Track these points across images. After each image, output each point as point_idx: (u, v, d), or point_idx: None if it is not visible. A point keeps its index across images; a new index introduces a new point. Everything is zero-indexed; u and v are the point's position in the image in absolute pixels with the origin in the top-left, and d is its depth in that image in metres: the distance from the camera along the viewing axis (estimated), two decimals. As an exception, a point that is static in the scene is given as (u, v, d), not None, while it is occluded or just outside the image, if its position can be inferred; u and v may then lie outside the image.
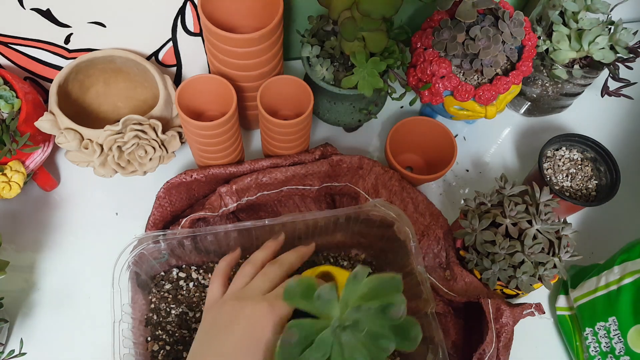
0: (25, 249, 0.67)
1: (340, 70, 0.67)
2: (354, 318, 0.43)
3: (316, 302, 0.44)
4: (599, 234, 0.73)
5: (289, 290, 0.45)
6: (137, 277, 0.59)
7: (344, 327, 0.43)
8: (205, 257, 0.63)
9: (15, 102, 0.61)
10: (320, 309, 0.44)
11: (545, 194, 0.59)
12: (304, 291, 0.45)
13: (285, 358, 0.42)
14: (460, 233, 0.61)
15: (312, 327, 0.43)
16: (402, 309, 0.43)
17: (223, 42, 0.59)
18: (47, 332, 0.63)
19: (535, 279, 0.57)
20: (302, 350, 0.43)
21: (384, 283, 0.44)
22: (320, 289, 0.44)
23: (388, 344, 0.42)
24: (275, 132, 0.65)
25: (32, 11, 0.61)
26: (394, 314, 0.43)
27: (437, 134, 0.71)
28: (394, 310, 0.43)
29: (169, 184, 0.66)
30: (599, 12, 0.68)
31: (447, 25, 0.65)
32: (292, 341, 0.42)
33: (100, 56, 0.67)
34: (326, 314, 0.44)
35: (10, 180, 0.61)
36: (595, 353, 0.61)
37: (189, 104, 0.64)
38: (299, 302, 0.45)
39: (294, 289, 0.45)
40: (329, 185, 0.70)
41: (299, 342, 0.43)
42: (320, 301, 0.44)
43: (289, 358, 0.43)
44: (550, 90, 0.75)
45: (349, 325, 0.43)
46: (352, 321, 0.43)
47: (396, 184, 0.68)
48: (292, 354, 0.43)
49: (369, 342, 0.43)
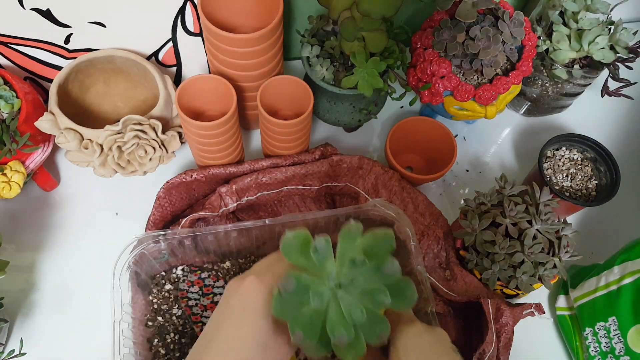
0: (25, 249, 0.67)
1: (340, 70, 0.67)
2: (350, 276, 0.43)
3: (313, 255, 0.44)
4: (599, 234, 0.73)
5: (286, 243, 0.44)
6: (137, 277, 0.59)
7: (339, 284, 0.43)
8: (206, 257, 0.63)
9: (15, 102, 0.61)
10: (316, 263, 0.44)
11: (545, 194, 0.59)
12: (301, 244, 0.44)
13: (281, 305, 0.42)
14: (460, 233, 0.61)
15: (309, 281, 0.43)
16: (396, 265, 0.43)
17: (223, 42, 0.59)
18: (47, 332, 0.63)
19: (535, 279, 0.57)
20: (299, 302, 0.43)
21: (378, 241, 0.45)
22: (317, 242, 0.44)
23: (383, 299, 0.42)
24: (275, 132, 0.65)
25: (32, 11, 0.61)
26: (388, 270, 0.43)
27: (437, 134, 0.71)
28: (387, 267, 0.43)
29: (169, 184, 0.66)
30: (599, 12, 0.68)
31: (447, 25, 0.65)
32: (289, 289, 0.42)
33: (100, 56, 0.67)
34: (322, 272, 0.44)
35: (10, 180, 0.61)
36: (595, 353, 0.61)
37: (189, 104, 0.64)
38: (296, 257, 0.44)
39: (291, 242, 0.44)
40: (329, 185, 0.70)
41: (296, 292, 0.42)
42: (317, 255, 0.44)
43: (284, 306, 0.42)
44: (550, 90, 0.75)
45: (344, 283, 0.43)
46: (348, 279, 0.43)
47: (396, 184, 0.68)
48: (288, 302, 0.42)
49: (364, 298, 0.43)
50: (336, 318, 0.43)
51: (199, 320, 0.61)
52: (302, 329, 0.42)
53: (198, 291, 0.62)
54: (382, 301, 0.42)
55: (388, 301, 0.43)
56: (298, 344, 0.42)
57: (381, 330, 0.43)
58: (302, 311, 0.43)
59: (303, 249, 0.44)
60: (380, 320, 0.44)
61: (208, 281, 0.63)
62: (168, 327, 0.60)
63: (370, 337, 0.43)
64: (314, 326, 0.43)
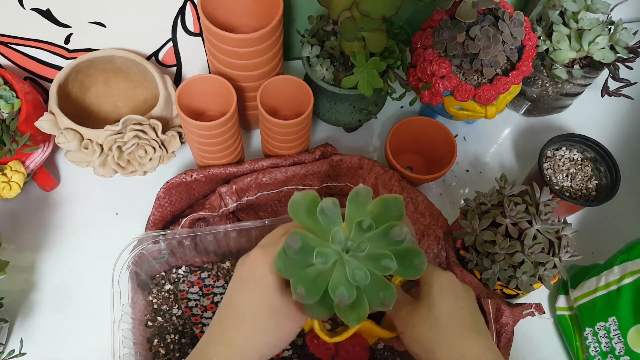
0: (25, 249, 0.67)
1: (340, 70, 0.67)
2: (357, 240, 0.43)
3: (320, 216, 0.43)
4: (599, 234, 0.73)
5: (294, 203, 0.44)
6: (137, 277, 0.59)
7: (346, 248, 0.43)
8: (205, 257, 0.63)
9: (15, 102, 0.61)
10: (323, 225, 0.43)
11: (545, 194, 0.59)
12: (308, 205, 0.43)
13: (284, 262, 0.42)
14: (460, 233, 0.61)
15: (315, 242, 0.43)
16: (405, 231, 0.42)
17: (223, 42, 0.59)
18: (47, 332, 0.63)
19: (535, 279, 0.57)
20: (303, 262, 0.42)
21: (387, 206, 0.44)
22: (323, 202, 0.43)
23: (389, 264, 0.41)
24: (275, 132, 0.65)
25: (32, 11, 0.61)
26: (396, 236, 0.42)
27: (437, 134, 0.71)
28: (395, 232, 0.42)
29: (169, 184, 0.66)
30: (599, 12, 0.68)
31: (447, 25, 0.65)
32: (295, 247, 0.41)
33: (100, 56, 0.67)
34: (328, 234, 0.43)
35: (10, 180, 0.61)
36: (595, 353, 0.61)
37: (189, 104, 0.64)
38: (302, 218, 0.44)
39: (298, 202, 0.44)
40: (329, 185, 0.70)
41: (301, 251, 0.42)
42: (324, 217, 0.43)
43: (288, 263, 0.42)
44: (550, 90, 0.75)
45: (351, 247, 0.43)
46: (355, 243, 0.43)
47: (396, 184, 0.68)
48: (292, 261, 0.42)
49: (370, 262, 0.43)
50: (339, 279, 0.42)
51: (199, 321, 0.61)
52: (304, 287, 0.42)
53: (198, 292, 0.62)
54: (388, 266, 0.42)
55: (394, 266, 0.41)
56: (300, 301, 0.42)
57: (385, 295, 0.42)
58: (306, 271, 0.42)
59: (310, 210, 0.43)
60: (384, 285, 0.43)
61: (208, 281, 0.63)
62: (168, 327, 0.60)
63: (374, 301, 0.42)
64: (317, 286, 0.42)
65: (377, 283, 0.43)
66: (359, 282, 0.42)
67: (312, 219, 0.44)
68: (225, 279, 0.63)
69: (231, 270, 0.64)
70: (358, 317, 0.42)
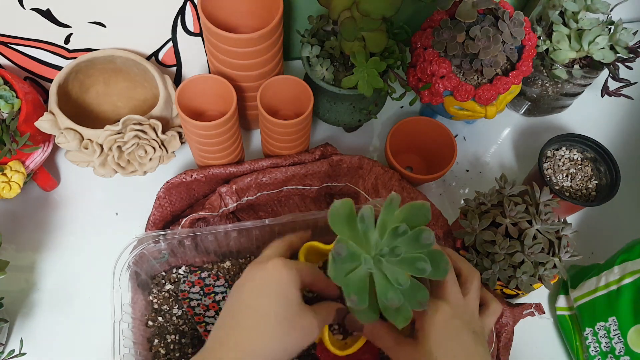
0: (25, 249, 0.67)
1: (340, 70, 0.67)
2: (391, 245, 0.45)
3: (359, 224, 0.45)
4: (599, 234, 0.73)
5: (334, 212, 0.45)
6: (137, 276, 0.59)
7: (382, 253, 0.45)
8: (206, 257, 0.63)
9: (15, 102, 0.61)
10: (360, 233, 0.46)
11: (545, 194, 0.59)
12: (347, 214, 0.46)
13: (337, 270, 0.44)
14: (460, 233, 0.61)
15: (355, 249, 0.45)
16: (433, 236, 0.45)
17: (223, 42, 0.59)
18: (47, 332, 0.63)
19: (535, 279, 0.57)
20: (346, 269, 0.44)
21: (415, 211, 0.46)
22: (363, 211, 0.45)
23: (424, 265, 0.44)
24: (275, 132, 0.65)
25: (32, 11, 0.61)
26: (425, 239, 0.44)
27: (437, 134, 0.71)
28: (425, 236, 0.44)
29: (169, 184, 0.66)
30: (599, 12, 0.68)
31: (447, 25, 0.65)
32: (343, 255, 0.43)
33: (100, 56, 0.67)
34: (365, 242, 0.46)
35: (10, 180, 0.61)
36: (595, 353, 0.61)
37: (189, 104, 0.64)
38: (341, 226, 0.45)
39: (338, 211, 0.45)
40: (329, 185, 0.70)
41: (345, 259, 0.44)
42: (362, 225, 0.45)
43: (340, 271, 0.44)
44: (550, 90, 0.75)
45: (385, 252, 0.45)
46: (389, 247, 0.45)
47: (396, 184, 0.68)
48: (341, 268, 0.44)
49: (405, 266, 0.45)
50: (385, 283, 0.45)
51: (202, 320, 0.61)
52: (355, 294, 0.44)
53: (199, 291, 0.62)
54: (423, 268, 0.44)
55: (429, 269, 0.44)
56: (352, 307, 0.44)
57: (421, 296, 0.45)
58: (350, 278, 0.44)
59: (349, 219, 0.46)
60: (419, 287, 0.45)
61: (208, 280, 0.63)
62: (168, 327, 0.60)
63: (412, 303, 0.45)
64: (364, 291, 0.45)
65: (414, 285, 0.45)
66: (402, 285, 0.44)
67: (350, 226, 0.46)
68: (225, 278, 0.63)
69: (231, 270, 0.64)
70: (405, 319, 0.45)
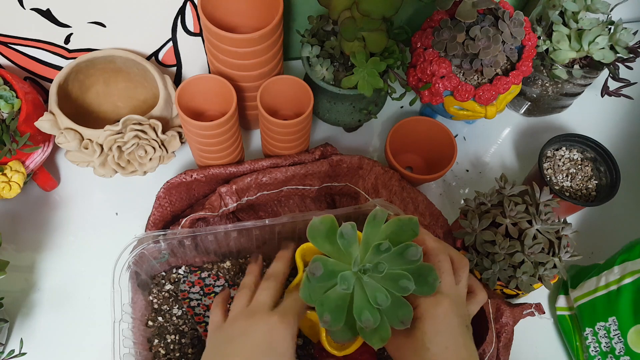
0: (25, 249, 0.67)
1: (340, 70, 0.67)
2: (374, 261, 0.44)
3: (339, 240, 0.44)
4: (599, 234, 0.73)
5: (313, 228, 0.44)
6: (137, 276, 0.59)
7: (364, 269, 0.44)
8: (206, 257, 0.63)
9: (15, 102, 0.61)
10: (342, 249, 0.44)
11: (545, 194, 0.59)
12: (327, 230, 0.45)
13: (309, 290, 0.43)
14: (460, 233, 0.61)
15: (335, 266, 0.44)
16: (419, 251, 0.43)
17: (223, 42, 0.59)
18: (47, 332, 0.63)
19: (535, 279, 0.57)
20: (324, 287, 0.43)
21: (402, 226, 0.45)
22: (343, 228, 0.44)
23: (407, 284, 0.43)
24: (275, 132, 0.65)
25: (32, 11, 0.61)
26: (411, 255, 0.43)
27: (437, 134, 0.71)
28: (411, 252, 0.43)
29: (169, 184, 0.66)
30: (599, 12, 0.68)
31: (447, 25, 0.65)
32: (317, 274, 0.42)
33: (100, 56, 0.67)
34: (346, 257, 0.45)
35: (10, 180, 0.61)
36: (595, 353, 0.61)
37: (189, 104, 0.64)
38: (321, 242, 0.45)
39: (318, 227, 0.45)
40: (329, 185, 0.70)
41: (322, 277, 0.43)
42: (343, 241, 0.44)
43: (312, 291, 0.43)
44: (550, 90, 0.75)
45: (368, 268, 0.44)
46: (372, 264, 0.44)
47: (396, 184, 0.68)
48: (315, 287, 0.43)
49: (388, 283, 0.44)
50: (362, 302, 0.43)
51: (202, 320, 0.61)
52: (329, 313, 0.43)
53: (199, 291, 0.62)
54: (406, 287, 0.43)
55: (412, 287, 0.43)
56: (326, 327, 0.43)
57: (404, 314, 0.43)
58: (328, 295, 0.43)
59: (329, 234, 0.45)
60: (402, 304, 0.44)
61: (208, 280, 0.63)
62: (168, 327, 0.60)
63: (393, 321, 0.43)
64: (340, 310, 0.43)
65: (396, 303, 0.44)
66: (381, 305, 0.43)
67: (331, 242, 0.45)
68: (225, 278, 0.63)
69: (231, 270, 0.64)
70: (381, 339, 0.43)
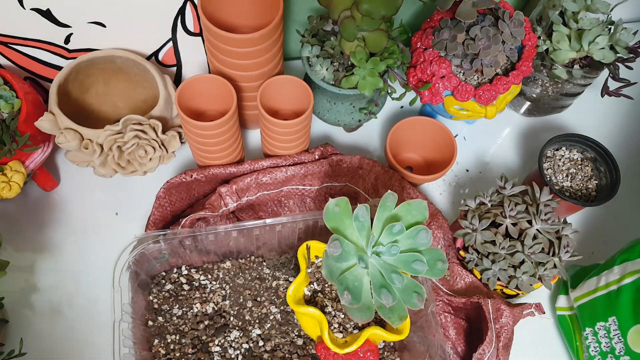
0: (25, 249, 0.67)
1: (340, 70, 0.67)
2: (387, 242, 0.45)
3: (354, 222, 0.45)
4: (599, 234, 0.73)
5: (329, 210, 0.45)
6: (137, 277, 0.59)
7: (378, 251, 0.45)
8: (206, 256, 0.63)
9: (15, 102, 0.61)
10: (356, 231, 0.45)
11: (545, 194, 0.59)
12: (342, 212, 0.45)
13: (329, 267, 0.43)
14: (460, 233, 0.61)
15: (351, 247, 0.45)
16: (430, 235, 0.44)
17: (223, 42, 0.59)
18: (47, 332, 0.63)
19: (535, 279, 0.57)
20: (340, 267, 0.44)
21: (412, 210, 0.46)
22: (358, 209, 0.45)
23: (420, 266, 0.44)
24: (275, 132, 0.65)
25: (32, 11, 0.61)
26: (422, 239, 0.44)
27: (437, 134, 0.71)
28: (422, 235, 0.44)
29: (169, 184, 0.66)
30: (599, 12, 0.68)
31: (447, 25, 0.65)
32: (336, 254, 0.43)
33: (100, 56, 0.67)
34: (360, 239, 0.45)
35: (10, 180, 0.61)
36: (595, 353, 0.61)
37: (189, 104, 0.64)
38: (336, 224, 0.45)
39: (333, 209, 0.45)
40: (329, 185, 0.70)
41: (340, 257, 0.44)
42: (357, 223, 0.45)
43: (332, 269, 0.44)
44: (550, 90, 0.75)
45: (381, 250, 0.45)
46: (385, 245, 0.45)
47: (396, 184, 0.68)
48: (334, 266, 0.44)
49: (401, 264, 0.45)
50: (380, 282, 0.44)
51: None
52: (349, 292, 0.43)
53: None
54: (419, 269, 0.44)
55: (425, 268, 0.44)
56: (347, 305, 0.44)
57: (419, 294, 0.44)
58: (345, 276, 0.44)
59: (344, 217, 0.46)
60: (415, 285, 0.45)
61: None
62: (168, 327, 0.60)
63: (408, 300, 0.44)
64: (358, 290, 0.44)
65: (409, 284, 0.45)
66: (398, 284, 0.44)
67: (345, 225, 0.46)
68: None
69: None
70: (400, 317, 0.44)
